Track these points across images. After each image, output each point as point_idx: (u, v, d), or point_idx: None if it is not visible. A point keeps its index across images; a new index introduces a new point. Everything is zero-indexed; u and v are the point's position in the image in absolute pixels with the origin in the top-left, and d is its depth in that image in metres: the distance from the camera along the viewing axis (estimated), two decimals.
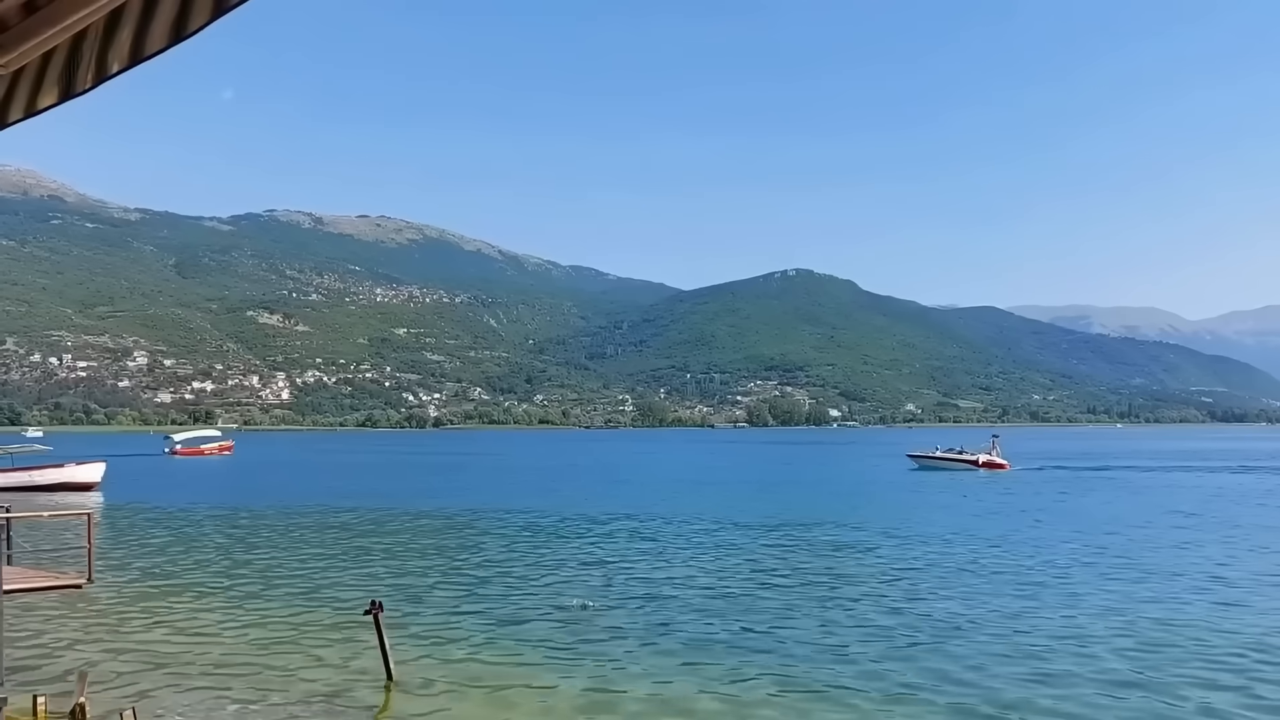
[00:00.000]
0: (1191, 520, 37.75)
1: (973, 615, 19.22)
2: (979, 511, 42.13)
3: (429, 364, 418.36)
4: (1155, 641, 16.94)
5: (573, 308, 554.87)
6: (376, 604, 14.44)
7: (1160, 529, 34.65)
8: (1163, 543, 30.72)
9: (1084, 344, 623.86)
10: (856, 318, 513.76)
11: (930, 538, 32.03)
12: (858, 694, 13.88)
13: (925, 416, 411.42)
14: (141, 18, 2.94)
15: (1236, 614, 19.37)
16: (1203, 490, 54.75)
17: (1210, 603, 20.60)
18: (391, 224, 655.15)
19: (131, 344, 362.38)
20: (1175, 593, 21.84)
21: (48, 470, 55.66)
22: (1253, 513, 40.92)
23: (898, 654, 16.11)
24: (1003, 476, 66.41)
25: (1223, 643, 16.82)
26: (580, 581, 23.50)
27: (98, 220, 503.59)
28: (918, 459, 78.12)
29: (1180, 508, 43.00)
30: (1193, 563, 26.44)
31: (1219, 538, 31.98)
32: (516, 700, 13.70)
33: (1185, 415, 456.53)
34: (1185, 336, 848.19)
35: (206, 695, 13.91)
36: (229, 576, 24.41)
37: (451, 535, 33.85)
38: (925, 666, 15.32)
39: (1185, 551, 28.77)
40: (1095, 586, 22.68)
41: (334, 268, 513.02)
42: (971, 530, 34.25)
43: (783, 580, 23.69)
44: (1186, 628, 17.99)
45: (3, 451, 57.53)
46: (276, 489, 57.84)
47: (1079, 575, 24.34)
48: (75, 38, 3.20)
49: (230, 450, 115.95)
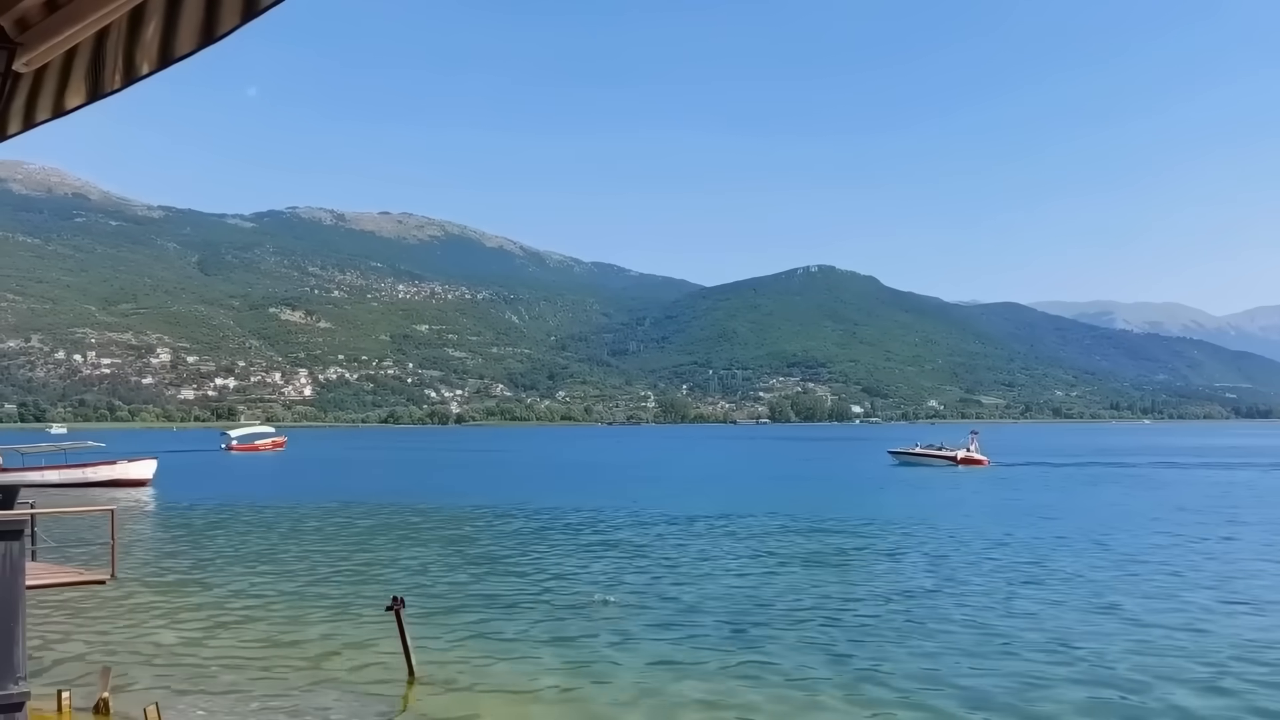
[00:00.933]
0: (1163, 515, 37.79)
1: (900, 602, 19.01)
2: (939, 504, 43.80)
3: (451, 360, 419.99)
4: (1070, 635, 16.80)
5: (595, 304, 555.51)
6: (398, 600, 14.38)
7: (1116, 525, 34.37)
8: (1109, 538, 30.53)
9: (1107, 340, 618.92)
10: (879, 314, 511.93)
11: (879, 530, 33.28)
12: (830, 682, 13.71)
13: (948, 413, 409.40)
14: (166, 17, 2.93)
15: (1157, 605, 19.17)
16: (1181, 486, 54.62)
17: (1136, 598, 20.56)
18: (413, 220, 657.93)
19: (155, 341, 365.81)
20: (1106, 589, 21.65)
21: (101, 467, 56.11)
22: (1218, 509, 40.20)
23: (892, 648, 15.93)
24: (979, 472, 66.84)
25: (1141, 633, 16.60)
26: (601, 577, 23.39)
27: (121, 218, 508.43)
28: (898, 455, 78.24)
29: (1150, 503, 43.27)
30: (1142, 558, 26.48)
31: (1162, 529, 32.29)
32: (539, 697, 13.61)
33: (1209, 411, 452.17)
34: (1209, 332, 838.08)
35: (229, 691, 13.89)
36: (256, 573, 24.45)
37: (474, 531, 33.84)
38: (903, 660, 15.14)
39: (1136, 547, 28.70)
40: (1011, 580, 22.95)
41: (356, 264, 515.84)
42: (924, 522, 35.44)
43: (790, 573, 23.52)
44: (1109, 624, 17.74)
45: (57, 449, 58.70)
46: (315, 485, 58.16)
47: (1001, 565, 25.14)
48: (98, 36, 3.19)
49: (283, 446, 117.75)
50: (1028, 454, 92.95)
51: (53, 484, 52.35)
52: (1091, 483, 57.49)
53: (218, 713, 12.96)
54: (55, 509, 26.91)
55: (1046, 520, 35.86)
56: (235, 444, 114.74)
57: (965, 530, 32.78)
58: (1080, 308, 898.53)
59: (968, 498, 47.86)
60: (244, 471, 75.53)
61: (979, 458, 71.64)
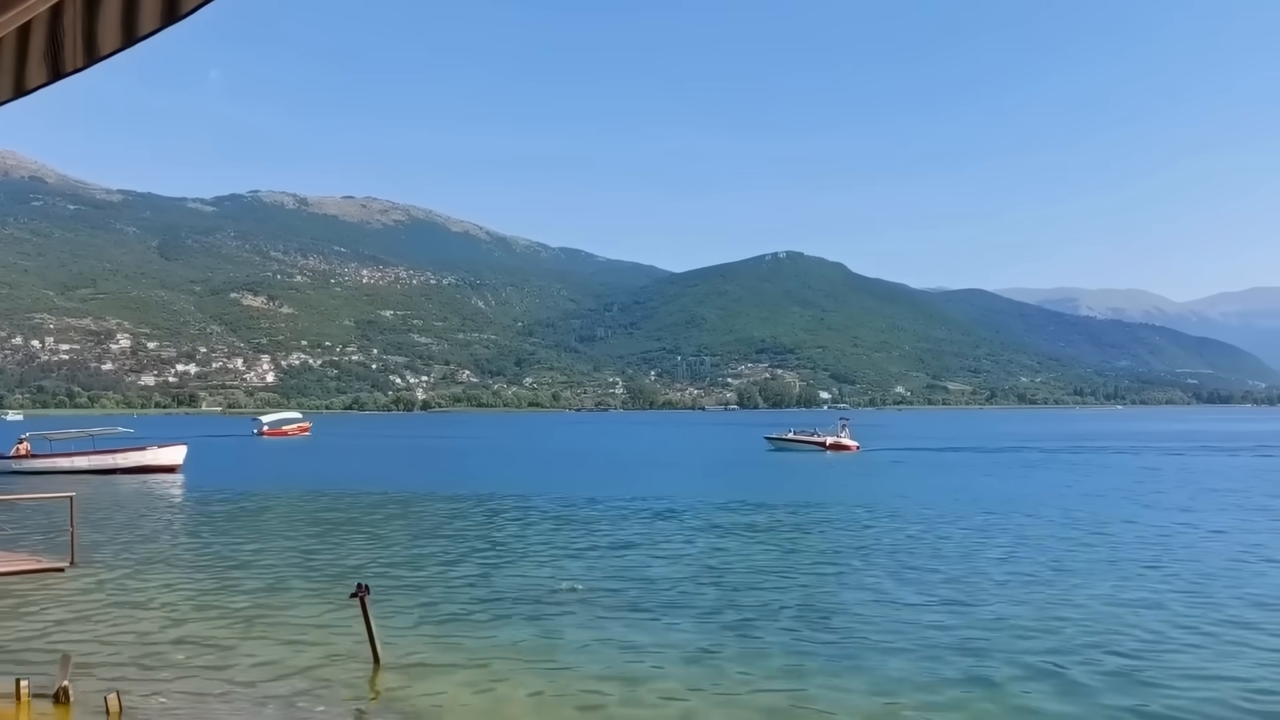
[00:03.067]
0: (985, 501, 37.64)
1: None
2: (771, 484, 47.53)
3: (416, 346, 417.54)
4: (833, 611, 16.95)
5: (562, 290, 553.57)
6: (363, 587, 14.22)
7: (933, 510, 34.68)
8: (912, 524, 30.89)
9: (1071, 326, 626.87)
10: (847, 300, 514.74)
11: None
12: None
13: (914, 399, 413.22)
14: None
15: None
16: (1042, 470, 55.77)
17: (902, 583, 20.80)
18: (377, 205, 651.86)
19: (114, 326, 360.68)
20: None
21: (130, 453, 55.51)
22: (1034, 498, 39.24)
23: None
24: (845, 457, 69.20)
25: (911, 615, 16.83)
26: (569, 563, 23.32)
27: (79, 201, 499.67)
28: (773, 440, 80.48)
29: (986, 489, 43.35)
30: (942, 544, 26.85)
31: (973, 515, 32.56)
32: (505, 682, 13.56)
33: (1171, 397, 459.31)
34: (1171, 318, 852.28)
35: (191, 678, 13.72)
36: (225, 560, 24.15)
37: (441, 518, 33.62)
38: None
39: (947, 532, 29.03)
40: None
41: (319, 249, 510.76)
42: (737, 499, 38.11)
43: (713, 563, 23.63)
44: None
45: (85, 434, 57.94)
46: (343, 472, 57.64)
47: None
48: (53, 12, 3.14)
49: (308, 431, 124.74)
50: (902, 440, 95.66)
51: (82, 470, 52.48)
52: (944, 468, 58.19)
53: (180, 700, 12.78)
54: (8, 496, 26.41)
55: (860, 495, 39.30)
56: (266, 429, 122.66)
57: (777, 505, 35.80)
58: (1045, 294, 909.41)
59: (808, 479, 50.27)
60: (268, 457, 77.03)
61: (848, 443, 74.22)
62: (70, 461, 53.69)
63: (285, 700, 12.78)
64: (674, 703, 12.70)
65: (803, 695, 12.94)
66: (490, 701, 12.83)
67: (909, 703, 12.58)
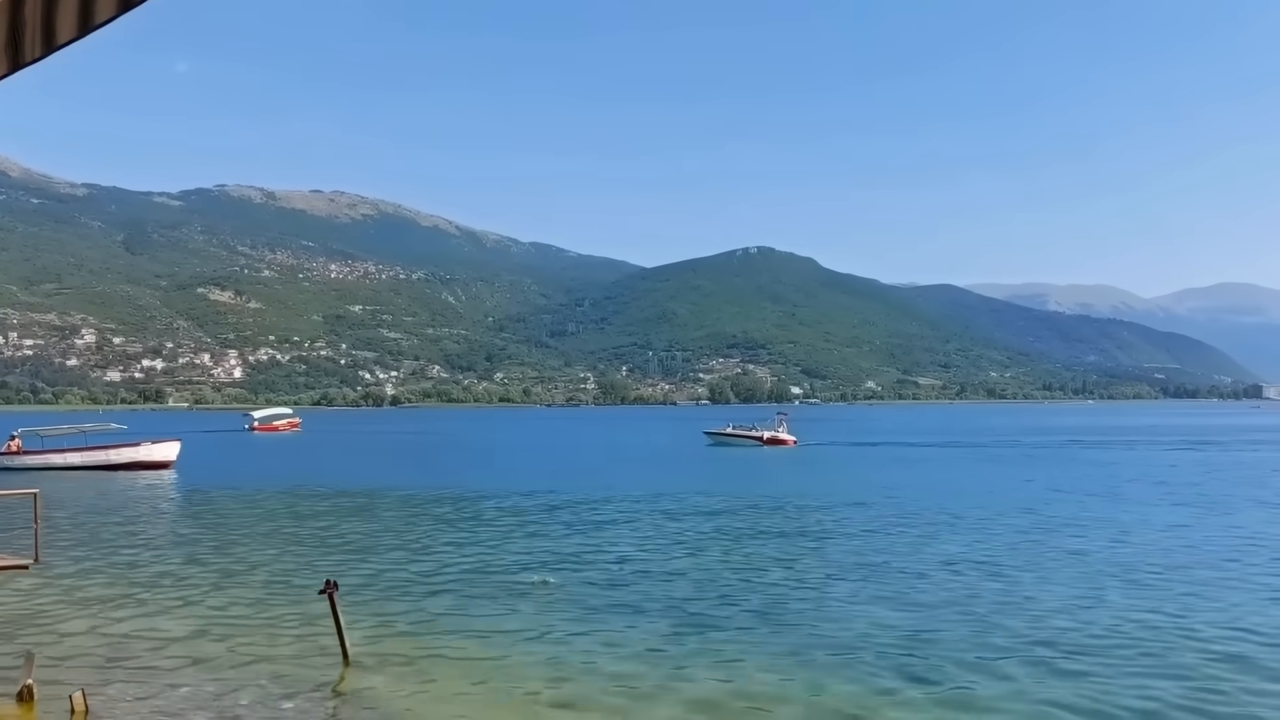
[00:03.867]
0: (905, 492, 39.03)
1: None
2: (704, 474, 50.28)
3: (386, 341, 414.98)
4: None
5: (533, 285, 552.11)
6: (331, 584, 14.23)
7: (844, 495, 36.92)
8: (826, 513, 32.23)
9: (1040, 321, 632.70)
10: (817, 295, 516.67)
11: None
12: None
13: (885, 394, 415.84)
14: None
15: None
16: (964, 465, 56.79)
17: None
18: (345, 199, 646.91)
19: (79, 321, 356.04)
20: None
21: (123, 449, 54.84)
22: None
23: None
24: (781, 451, 70.80)
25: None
26: (538, 559, 23.39)
27: (43, 195, 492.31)
28: (712, 435, 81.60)
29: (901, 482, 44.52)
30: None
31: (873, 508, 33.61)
32: (474, 677, 13.60)
33: (1139, 391, 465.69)
34: (1139, 314, 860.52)
35: (158, 675, 13.67)
36: (193, 559, 23.92)
37: (407, 515, 33.55)
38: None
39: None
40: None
41: (287, 244, 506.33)
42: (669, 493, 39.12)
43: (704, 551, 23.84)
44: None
45: (77, 430, 57.18)
46: (334, 469, 57.47)
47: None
48: (13, 3, 3.12)
49: (298, 427, 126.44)
50: (838, 435, 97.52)
51: (74, 466, 51.96)
52: (877, 462, 59.31)
53: (147, 697, 12.74)
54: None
55: (780, 487, 41.39)
56: (258, 424, 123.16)
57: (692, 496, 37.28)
58: (1014, 289, 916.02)
59: (739, 472, 51.70)
60: (260, 453, 77.10)
61: (785, 438, 75.78)
62: (63, 458, 53.15)
63: (253, 697, 12.76)
64: (636, 694, 12.83)
65: (740, 690, 13.11)
66: (459, 697, 12.88)
67: (845, 694, 12.77)
